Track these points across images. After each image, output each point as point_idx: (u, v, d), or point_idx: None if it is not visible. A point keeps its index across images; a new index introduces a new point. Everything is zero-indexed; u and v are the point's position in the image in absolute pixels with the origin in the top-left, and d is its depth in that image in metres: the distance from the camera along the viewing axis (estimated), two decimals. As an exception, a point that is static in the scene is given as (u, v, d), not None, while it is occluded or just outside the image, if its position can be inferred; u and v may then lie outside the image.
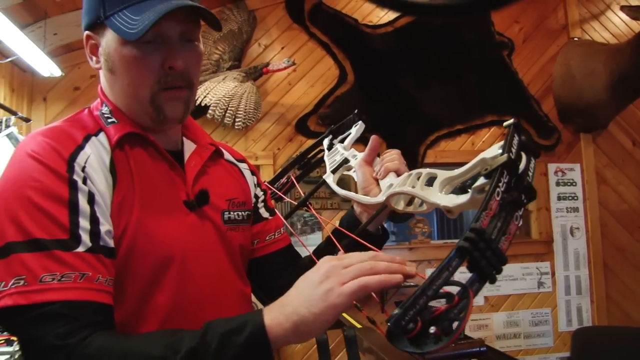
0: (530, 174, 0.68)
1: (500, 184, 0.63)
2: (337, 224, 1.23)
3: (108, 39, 0.96)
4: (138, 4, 0.93)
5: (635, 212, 4.57)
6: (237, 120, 3.74)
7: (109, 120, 0.99)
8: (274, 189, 1.26)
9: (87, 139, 0.94)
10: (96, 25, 0.98)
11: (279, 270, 1.21)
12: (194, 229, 1.01)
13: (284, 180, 1.29)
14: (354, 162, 1.15)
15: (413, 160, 4.18)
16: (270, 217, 1.25)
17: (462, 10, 3.52)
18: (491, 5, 3.62)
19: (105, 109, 1.02)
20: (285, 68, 3.90)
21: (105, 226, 0.87)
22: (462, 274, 0.59)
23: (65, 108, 3.79)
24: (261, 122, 4.04)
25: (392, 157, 1.07)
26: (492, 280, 0.61)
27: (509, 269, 4.27)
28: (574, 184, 4.47)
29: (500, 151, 0.67)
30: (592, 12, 4.74)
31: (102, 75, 1.04)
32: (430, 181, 0.82)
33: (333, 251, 0.98)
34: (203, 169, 1.08)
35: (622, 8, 4.03)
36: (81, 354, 0.74)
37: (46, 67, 3.29)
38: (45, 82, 3.72)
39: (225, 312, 0.82)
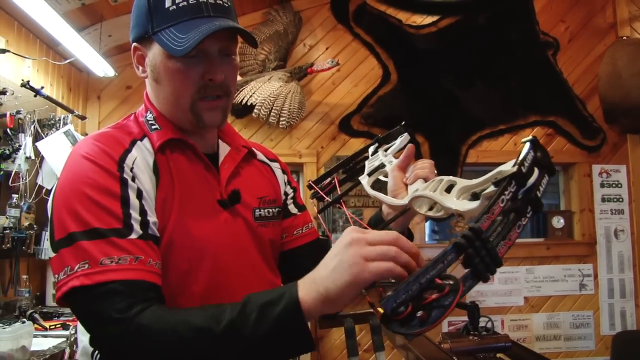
0: (541, 188, 0.72)
1: (506, 192, 0.68)
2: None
3: (154, 52, 1.07)
4: (183, 22, 1.02)
5: (683, 215, 4.45)
6: (281, 119, 3.85)
7: (153, 127, 1.10)
8: (317, 189, 1.34)
9: (133, 143, 1.05)
10: (144, 39, 1.08)
11: (306, 262, 1.30)
12: (227, 225, 1.11)
13: (327, 181, 1.36)
14: (389, 168, 1.22)
15: (454, 160, 4.20)
16: (299, 213, 1.34)
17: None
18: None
19: (149, 116, 1.13)
20: (329, 68, 3.98)
21: (152, 218, 0.98)
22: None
23: (118, 106, 3.99)
24: (305, 120, 4.14)
25: (424, 165, 1.13)
26: (485, 279, 0.66)
27: (550, 270, 4.25)
28: (619, 185, 4.39)
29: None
30: (643, 10, 4.63)
31: (148, 83, 1.15)
32: (450, 188, 0.88)
33: None
34: (236, 170, 1.19)
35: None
36: (139, 325, 0.84)
37: (101, 67, 3.47)
38: (99, 81, 3.93)
39: None
